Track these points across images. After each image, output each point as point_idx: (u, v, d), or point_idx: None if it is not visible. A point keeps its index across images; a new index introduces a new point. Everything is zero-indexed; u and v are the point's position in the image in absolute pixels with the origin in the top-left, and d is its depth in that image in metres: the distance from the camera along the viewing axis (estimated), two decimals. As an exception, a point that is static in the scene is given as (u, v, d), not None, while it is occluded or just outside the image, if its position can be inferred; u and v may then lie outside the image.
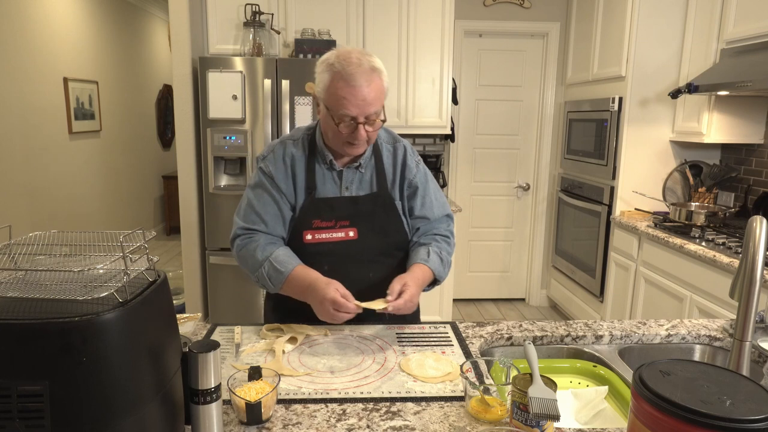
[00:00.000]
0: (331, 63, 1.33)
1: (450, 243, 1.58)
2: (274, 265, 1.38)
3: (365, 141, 1.39)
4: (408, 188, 1.53)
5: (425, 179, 1.57)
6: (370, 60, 1.34)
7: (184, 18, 3.24)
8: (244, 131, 3.23)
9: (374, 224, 1.47)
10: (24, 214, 4.10)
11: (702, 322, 1.55)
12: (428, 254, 1.47)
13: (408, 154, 1.55)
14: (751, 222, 1.02)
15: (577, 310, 3.83)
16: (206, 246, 3.40)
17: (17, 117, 4.00)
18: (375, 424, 1.00)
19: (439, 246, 1.52)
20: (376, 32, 3.51)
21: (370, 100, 1.32)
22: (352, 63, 1.31)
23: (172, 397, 0.85)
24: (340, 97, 1.31)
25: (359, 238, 1.46)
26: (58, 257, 0.90)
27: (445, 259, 1.51)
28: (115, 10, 5.49)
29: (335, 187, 1.48)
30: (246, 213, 1.47)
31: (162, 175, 6.68)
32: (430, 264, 1.45)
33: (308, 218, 1.45)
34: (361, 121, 1.34)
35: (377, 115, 1.36)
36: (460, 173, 4.31)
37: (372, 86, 1.32)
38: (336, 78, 1.31)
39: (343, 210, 1.46)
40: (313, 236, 1.45)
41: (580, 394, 1.23)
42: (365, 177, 1.50)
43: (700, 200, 3.16)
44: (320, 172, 1.47)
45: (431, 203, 1.56)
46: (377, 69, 1.35)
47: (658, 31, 3.13)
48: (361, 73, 1.31)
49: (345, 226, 1.46)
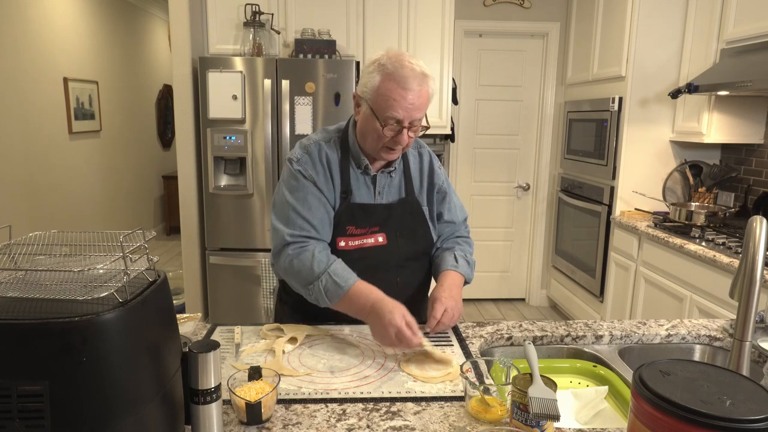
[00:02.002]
0: (383, 64, 1.32)
1: (470, 244, 1.63)
2: (333, 278, 1.31)
3: (404, 146, 1.38)
4: (438, 193, 1.55)
5: (448, 183, 1.60)
6: (421, 65, 1.34)
7: (184, 18, 3.24)
8: (244, 131, 3.23)
9: (403, 230, 1.47)
10: (24, 214, 4.10)
11: (702, 322, 1.55)
12: (456, 259, 1.50)
13: (434, 160, 1.57)
14: (751, 222, 1.02)
15: (577, 310, 3.83)
16: (206, 246, 3.40)
17: (17, 117, 4.00)
18: (375, 424, 1.00)
19: (463, 249, 1.56)
20: (376, 32, 3.51)
21: (419, 104, 1.32)
22: (405, 66, 1.30)
23: (172, 397, 0.85)
24: (391, 99, 1.29)
25: (388, 244, 1.45)
26: (58, 257, 0.90)
27: (471, 261, 1.56)
28: (115, 10, 5.49)
29: (369, 192, 1.46)
30: (292, 219, 1.39)
31: (162, 175, 6.68)
32: (460, 269, 1.49)
33: (343, 224, 1.42)
34: (406, 126, 1.33)
35: (420, 121, 1.35)
36: (460, 173, 4.31)
37: (422, 91, 1.32)
38: (387, 79, 1.30)
39: (377, 217, 1.45)
40: (347, 243, 1.43)
41: (580, 394, 1.23)
42: (394, 182, 1.49)
43: (700, 200, 3.16)
44: (354, 176, 1.45)
45: (455, 208, 1.61)
46: (428, 75, 1.34)
47: (658, 31, 3.13)
48: (414, 77, 1.30)
49: (375, 232, 1.45)
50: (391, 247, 1.46)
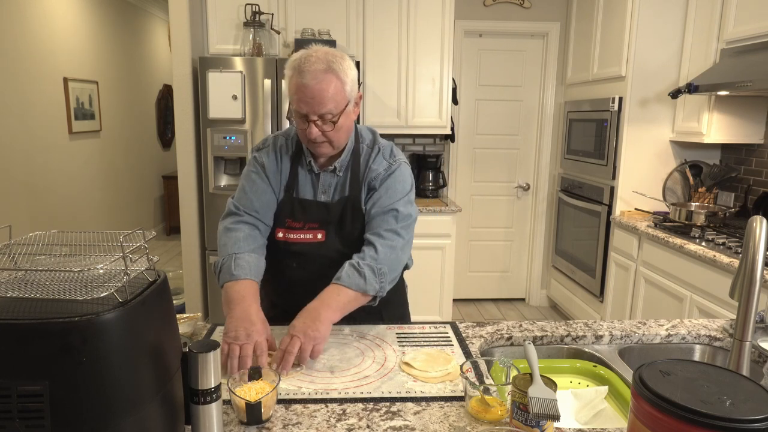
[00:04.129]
0: (294, 59, 1.34)
1: (376, 246, 1.37)
2: (231, 264, 1.35)
3: (324, 141, 1.37)
4: (366, 189, 1.48)
5: (386, 179, 1.46)
6: (330, 60, 1.32)
7: (184, 18, 3.24)
8: (244, 131, 3.23)
9: (342, 229, 1.47)
10: (24, 214, 4.10)
11: (702, 322, 1.55)
12: (342, 270, 1.34)
13: (378, 157, 1.48)
14: (751, 222, 1.02)
15: (577, 310, 3.83)
16: (206, 246, 3.40)
17: (17, 117, 4.00)
18: (375, 424, 1.00)
19: (361, 255, 1.37)
20: (376, 32, 3.51)
21: (321, 99, 1.30)
22: (310, 61, 1.31)
23: (172, 397, 0.85)
24: (294, 92, 1.33)
25: (326, 241, 1.47)
26: (58, 257, 0.90)
27: (365, 269, 1.33)
28: (115, 10, 5.49)
29: (312, 190, 1.49)
30: (241, 195, 1.49)
31: (162, 175, 6.68)
32: (343, 281, 1.31)
33: (283, 216, 1.48)
34: (313, 119, 1.33)
35: (332, 117, 1.34)
36: (460, 173, 4.31)
37: (323, 84, 1.30)
38: (294, 74, 1.32)
39: (314, 214, 1.47)
40: (285, 235, 1.48)
41: (580, 394, 1.23)
42: (341, 181, 1.49)
43: (700, 200, 3.16)
44: (302, 173, 1.50)
45: (375, 200, 1.44)
46: (334, 69, 1.31)
47: (658, 31, 3.13)
48: (314, 71, 1.30)
49: (314, 228, 1.47)
50: (329, 244, 1.47)
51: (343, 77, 1.34)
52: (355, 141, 1.50)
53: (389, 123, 3.64)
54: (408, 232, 1.44)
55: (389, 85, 3.60)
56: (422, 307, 3.47)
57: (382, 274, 1.35)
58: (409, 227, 1.45)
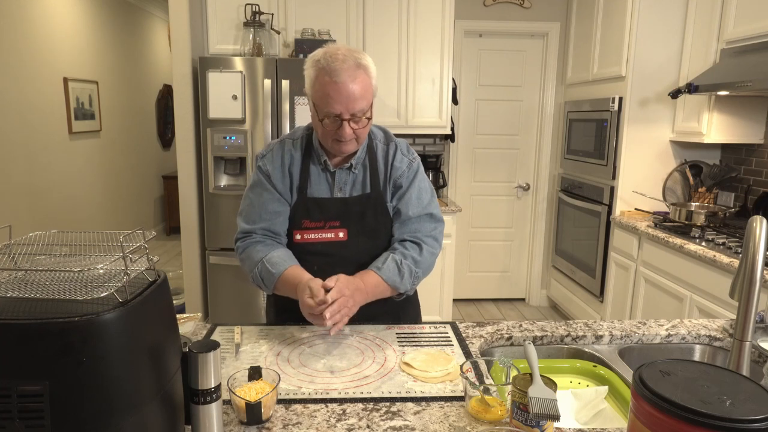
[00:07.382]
0: (317, 59, 1.32)
1: (422, 249, 1.45)
2: (266, 266, 1.39)
3: (352, 139, 1.37)
4: (393, 187, 1.50)
5: (412, 178, 1.50)
6: (356, 56, 1.32)
7: (184, 18, 3.24)
8: (244, 131, 3.23)
9: (364, 226, 1.46)
10: (24, 214, 4.10)
11: (702, 322, 1.55)
12: (384, 261, 1.39)
13: (397, 154, 1.51)
14: (751, 222, 1.02)
15: (577, 310, 3.83)
16: (206, 246, 3.40)
17: (17, 117, 4.00)
18: (375, 424, 1.00)
19: (405, 253, 1.43)
20: (376, 32, 3.51)
21: (355, 97, 1.30)
22: (337, 59, 1.29)
23: (172, 397, 0.85)
24: (325, 93, 1.30)
25: (349, 239, 1.46)
26: (58, 257, 0.90)
27: (405, 269, 1.40)
28: (115, 10, 5.49)
29: (328, 188, 1.48)
30: (247, 213, 1.48)
31: (162, 175, 6.68)
32: (382, 273, 1.37)
33: (299, 218, 1.46)
34: (346, 118, 1.32)
35: (363, 113, 1.34)
36: (460, 173, 4.31)
37: (357, 82, 1.30)
38: (321, 74, 1.30)
39: (333, 210, 1.45)
40: (302, 236, 1.46)
41: (580, 394, 1.23)
42: (359, 178, 1.48)
43: (700, 200, 3.16)
44: (315, 173, 1.48)
45: (408, 200, 1.48)
46: (363, 65, 1.32)
47: (658, 31, 3.13)
48: (346, 69, 1.29)
49: (335, 227, 1.45)
50: (352, 243, 1.46)
51: (371, 72, 1.35)
52: (368, 138, 1.50)
53: (389, 123, 3.64)
54: (442, 238, 1.54)
55: (389, 85, 3.60)
56: (422, 307, 3.45)
57: (416, 277, 1.44)
58: (442, 232, 1.54)
